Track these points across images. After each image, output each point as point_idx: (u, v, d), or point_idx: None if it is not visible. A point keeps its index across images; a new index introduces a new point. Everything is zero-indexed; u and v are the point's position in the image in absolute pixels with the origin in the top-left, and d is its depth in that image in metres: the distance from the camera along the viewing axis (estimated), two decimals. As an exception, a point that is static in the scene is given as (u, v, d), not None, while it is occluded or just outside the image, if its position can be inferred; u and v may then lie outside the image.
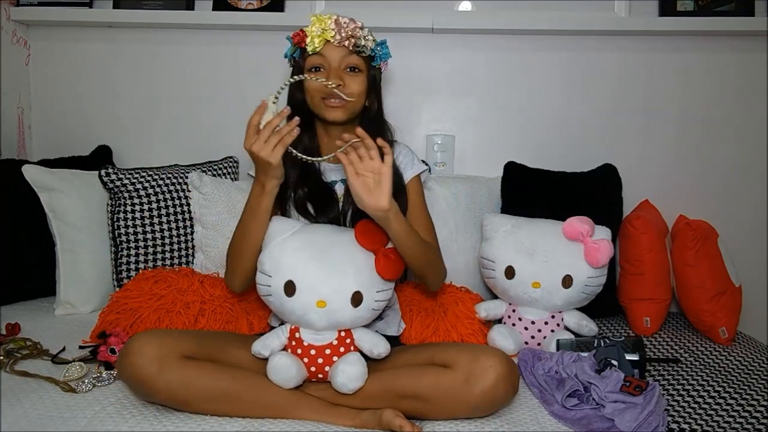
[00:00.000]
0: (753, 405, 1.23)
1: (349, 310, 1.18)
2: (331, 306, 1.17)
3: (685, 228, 1.67)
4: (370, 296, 1.19)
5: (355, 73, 1.36)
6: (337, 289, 1.17)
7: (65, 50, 2.06)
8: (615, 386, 1.20)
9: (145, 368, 1.10)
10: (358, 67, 1.36)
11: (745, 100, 1.95)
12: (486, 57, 2.00)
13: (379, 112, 1.45)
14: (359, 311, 1.19)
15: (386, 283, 1.23)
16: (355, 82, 1.35)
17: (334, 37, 1.32)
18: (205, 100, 2.05)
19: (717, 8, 1.90)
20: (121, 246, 1.71)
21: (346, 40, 1.32)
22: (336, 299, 1.17)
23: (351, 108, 1.37)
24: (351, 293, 1.17)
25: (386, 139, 1.42)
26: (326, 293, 1.16)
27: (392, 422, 1.11)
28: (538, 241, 1.51)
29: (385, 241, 1.23)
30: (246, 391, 1.15)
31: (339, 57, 1.34)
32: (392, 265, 1.20)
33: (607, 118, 1.99)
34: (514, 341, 1.47)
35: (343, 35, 1.32)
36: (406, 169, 1.45)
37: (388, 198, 1.18)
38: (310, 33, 1.33)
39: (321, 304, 1.16)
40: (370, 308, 1.20)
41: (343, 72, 1.35)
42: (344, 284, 1.17)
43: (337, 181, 1.43)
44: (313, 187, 1.39)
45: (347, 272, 1.18)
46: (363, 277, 1.19)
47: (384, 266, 1.19)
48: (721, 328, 1.59)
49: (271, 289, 1.20)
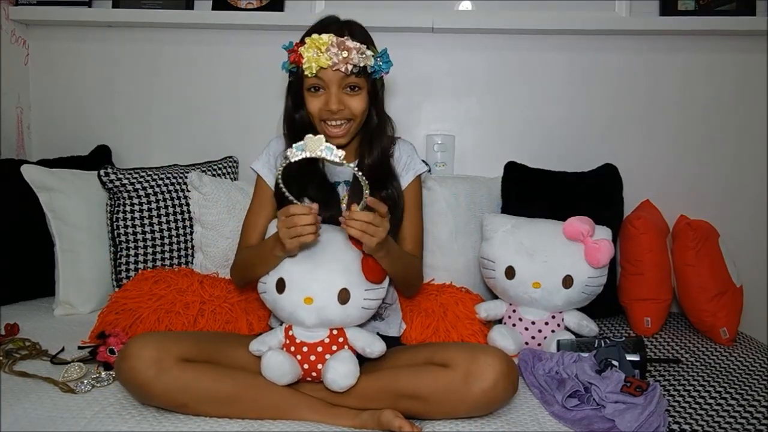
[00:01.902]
0: (754, 405, 1.23)
1: (336, 307, 1.18)
2: (318, 303, 1.17)
3: (685, 228, 1.66)
4: (358, 295, 1.19)
5: (356, 92, 1.32)
6: (323, 286, 1.18)
7: (64, 50, 2.06)
8: (616, 387, 1.20)
9: (142, 372, 1.10)
10: (358, 85, 1.31)
11: (745, 100, 1.95)
12: (486, 57, 2.00)
13: (380, 121, 1.42)
14: (347, 309, 1.19)
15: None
16: (355, 101, 1.32)
17: (330, 62, 1.25)
18: (205, 100, 2.05)
19: (718, 8, 1.89)
20: (120, 246, 1.71)
21: (343, 65, 1.26)
22: (323, 296, 1.18)
23: (353, 130, 1.36)
24: (337, 290, 1.18)
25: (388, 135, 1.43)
26: (313, 290, 1.17)
27: (391, 422, 1.10)
28: (538, 242, 1.51)
29: None
30: (245, 393, 1.15)
31: (337, 79, 1.29)
32: (378, 268, 1.21)
33: (608, 118, 1.99)
34: (514, 341, 1.47)
35: (339, 59, 1.25)
36: (408, 169, 1.45)
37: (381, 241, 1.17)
38: (306, 55, 1.26)
39: (308, 301, 1.17)
40: (359, 307, 1.20)
41: (342, 92, 1.31)
42: (331, 281, 1.18)
43: (341, 182, 1.43)
44: (316, 185, 1.39)
45: (335, 270, 1.19)
46: (351, 276, 1.19)
47: (370, 268, 1.20)
48: (722, 329, 1.59)
49: (266, 286, 1.22)
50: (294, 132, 1.40)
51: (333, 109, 1.30)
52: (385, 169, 1.42)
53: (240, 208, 1.68)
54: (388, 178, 1.41)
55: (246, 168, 1.45)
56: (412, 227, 1.44)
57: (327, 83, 1.30)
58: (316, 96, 1.32)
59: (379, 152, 1.40)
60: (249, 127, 2.03)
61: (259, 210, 1.42)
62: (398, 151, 1.47)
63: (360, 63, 1.28)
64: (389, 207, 1.26)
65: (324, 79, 1.29)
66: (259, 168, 1.45)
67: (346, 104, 1.31)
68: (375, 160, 1.40)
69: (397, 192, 1.40)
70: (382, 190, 1.37)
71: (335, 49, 1.25)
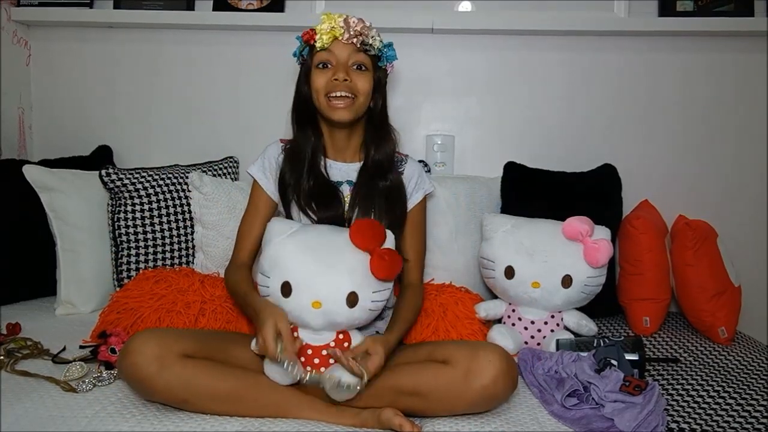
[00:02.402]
0: (752, 405, 1.23)
1: (345, 310, 1.18)
2: (326, 307, 1.17)
3: (684, 228, 1.67)
4: (366, 297, 1.19)
5: (362, 71, 1.38)
6: (332, 290, 1.17)
7: (66, 50, 2.07)
8: (614, 386, 1.20)
9: (145, 367, 1.10)
10: (365, 65, 1.38)
11: (745, 100, 1.95)
12: (486, 57, 2.00)
13: (384, 116, 1.46)
14: (355, 312, 1.19)
15: (382, 283, 1.22)
16: (361, 80, 1.37)
17: (342, 35, 1.34)
18: (206, 100, 2.05)
19: (716, 8, 1.90)
20: (121, 246, 1.71)
21: (354, 37, 1.35)
22: (331, 300, 1.17)
23: (356, 108, 1.38)
24: (346, 294, 1.18)
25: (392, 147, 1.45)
26: (321, 294, 1.17)
27: (392, 421, 1.11)
28: (537, 241, 1.51)
29: (381, 242, 1.23)
30: (246, 390, 1.15)
31: (347, 54, 1.36)
32: (387, 265, 1.20)
33: (607, 119, 1.99)
34: (513, 341, 1.47)
35: (351, 33, 1.34)
36: (418, 188, 1.49)
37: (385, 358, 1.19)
38: (319, 30, 1.35)
39: (316, 305, 1.17)
40: (367, 309, 1.20)
41: (350, 69, 1.37)
42: (339, 285, 1.18)
43: (343, 182, 1.44)
44: (318, 185, 1.40)
45: (342, 273, 1.19)
46: (358, 278, 1.19)
47: (378, 266, 1.19)
48: (720, 328, 1.60)
49: (269, 289, 1.21)
50: (301, 112, 1.44)
51: (339, 77, 1.34)
52: (390, 163, 1.45)
53: (240, 208, 1.68)
54: (390, 170, 1.44)
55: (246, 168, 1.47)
56: (417, 244, 1.47)
57: (336, 57, 1.36)
58: (324, 71, 1.37)
59: (386, 152, 1.44)
60: (249, 127, 2.03)
61: (254, 216, 1.43)
62: (409, 168, 1.50)
63: (369, 40, 1.37)
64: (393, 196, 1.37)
65: (334, 52, 1.36)
66: (255, 172, 1.45)
67: (352, 79, 1.36)
68: (382, 159, 1.43)
69: (398, 181, 1.44)
70: (383, 182, 1.42)
71: (347, 25, 1.35)
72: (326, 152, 1.46)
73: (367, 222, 1.24)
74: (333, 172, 1.44)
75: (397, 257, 1.22)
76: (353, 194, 1.41)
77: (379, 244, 1.22)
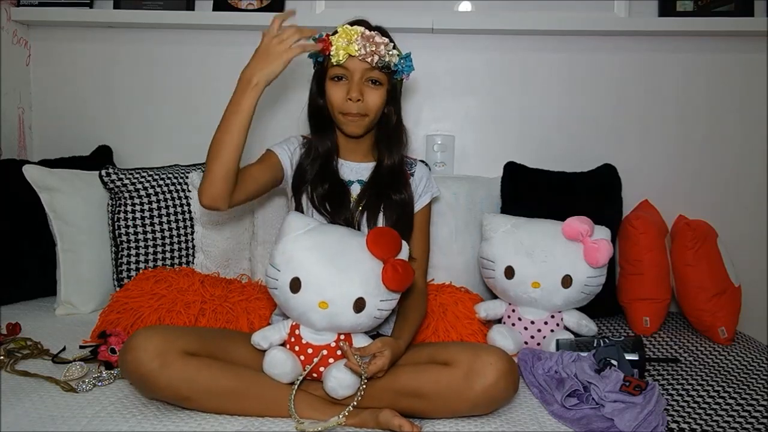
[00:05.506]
0: (752, 405, 1.24)
1: (351, 315, 1.17)
2: (333, 309, 1.17)
3: (684, 228, 1.67)
4: (373, 304, 1.19)
5: (376, 87, 1.37)
6: (340, 293, 1.17)
7: (66, 50, 2.06)
8: (614, 386, 1.20)
9: (147, 364, 1.10)
10: (379, 81, 1.37)
11: (745, 100, 1.95)
12: (486, 57, 2.00)
13: (398, 123, 1.46)
14: (360, 317, 1.18)
15: (391, 293, 1.21)
16: (374, 96, 1.37)
17: (358, 52, 1.31)
18: (206, 100, 2.04)
19: (716, 8, 1.90)
20: (121, 246, 1.71)
21: (370, 56, 1.32)
22: (338, 303, 1.17)
23: (366, 124, 1.39)
24: (354, 299, 1.17)
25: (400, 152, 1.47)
26: (330, 295, 1.17)
27: (390, 422, 1.11)
28: (537, 241, 1.51)
29: (396, 252, 1.20)
30: (247, 388, 1.15)
31: (361, 70, 1.35)
32: (399, 277, 1.17)
33: (607, 118, 1.99)
34: (513, 341, 1.47)
35: (367, 50, 1.32)
36: (426, 191, 1.50)
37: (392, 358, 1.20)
38: (335, 43, 1.32)
39: (323, 306, 1.17)
40: (372, 316, 1.20)
41: (364, 84, 1.36)
42: (349, 289, 1.17)
43: (354, 181, 1.44)
44: (330, 184, 1.41)
45: (354, 278, 1.18)
46: (369, 285, 1.18)
47: (391, 277, 1.17)
48: (720, 328, 1.60)
49: (278, 283, 1.20)
50: (316, 118, 1.44)
51: (353, 97, 1.33)
52: (402, 173, 1.46)
53: (240, 208, 1.69)
54: (401, 181, 1.45)
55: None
56: (421, 246, 1.48)
57: (351, 72, 1.35)
58: (339, 85, 1.36)
59: (399, 157, 1.45)
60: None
61: (256, 163, 1.42)
62: (419, 171, 1.52)
63: (385, 57, 1.34)
64: (401, 211, 1.37)
65: (349, 68, 1.34)
66: (275, 147, 1.45)
67: (365, 97, 1.35)
68: (395, 163, 1.45)
69: (408, 197, 1.45)
70: (396, 194, 1.42)
71: (364, 41, 1.31)
72: (339, 152, 1.47)
73: (386, 231, 1.22)
74: (344, 171, 1.46)
75: (409, 270, 1.19)
76: (361, 194, 1.42)
77: (394, 255, 1.20)
